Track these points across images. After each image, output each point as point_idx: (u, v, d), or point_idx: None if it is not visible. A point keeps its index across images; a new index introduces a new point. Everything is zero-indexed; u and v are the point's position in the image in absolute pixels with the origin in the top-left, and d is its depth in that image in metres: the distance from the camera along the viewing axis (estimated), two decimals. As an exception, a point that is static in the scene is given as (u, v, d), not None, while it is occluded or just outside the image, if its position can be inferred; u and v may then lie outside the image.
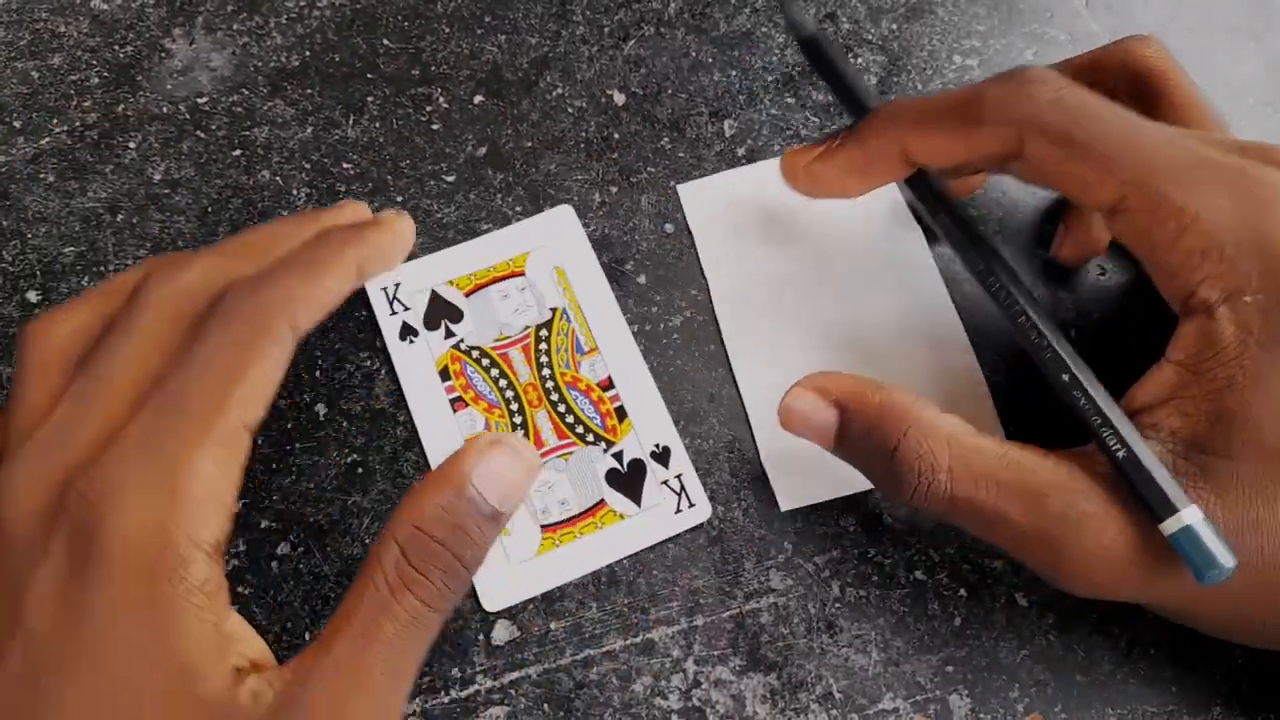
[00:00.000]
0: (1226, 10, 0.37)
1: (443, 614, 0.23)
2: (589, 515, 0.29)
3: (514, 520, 0.28)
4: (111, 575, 0.21)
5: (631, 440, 0.29)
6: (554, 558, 0.28)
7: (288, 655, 0.27)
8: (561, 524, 0.28)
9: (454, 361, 0.30)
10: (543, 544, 0.28)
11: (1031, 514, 0.23)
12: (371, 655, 0.22)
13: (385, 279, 0.31)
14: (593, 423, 0.30)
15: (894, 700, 0.27)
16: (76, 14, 0.36)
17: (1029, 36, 0.36)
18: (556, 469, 0.29)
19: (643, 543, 0.28)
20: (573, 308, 0.31)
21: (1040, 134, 0.25)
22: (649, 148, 0.34)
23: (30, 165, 0.34)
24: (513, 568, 0.28)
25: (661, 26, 0.36)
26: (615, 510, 0.29)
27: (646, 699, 0.27)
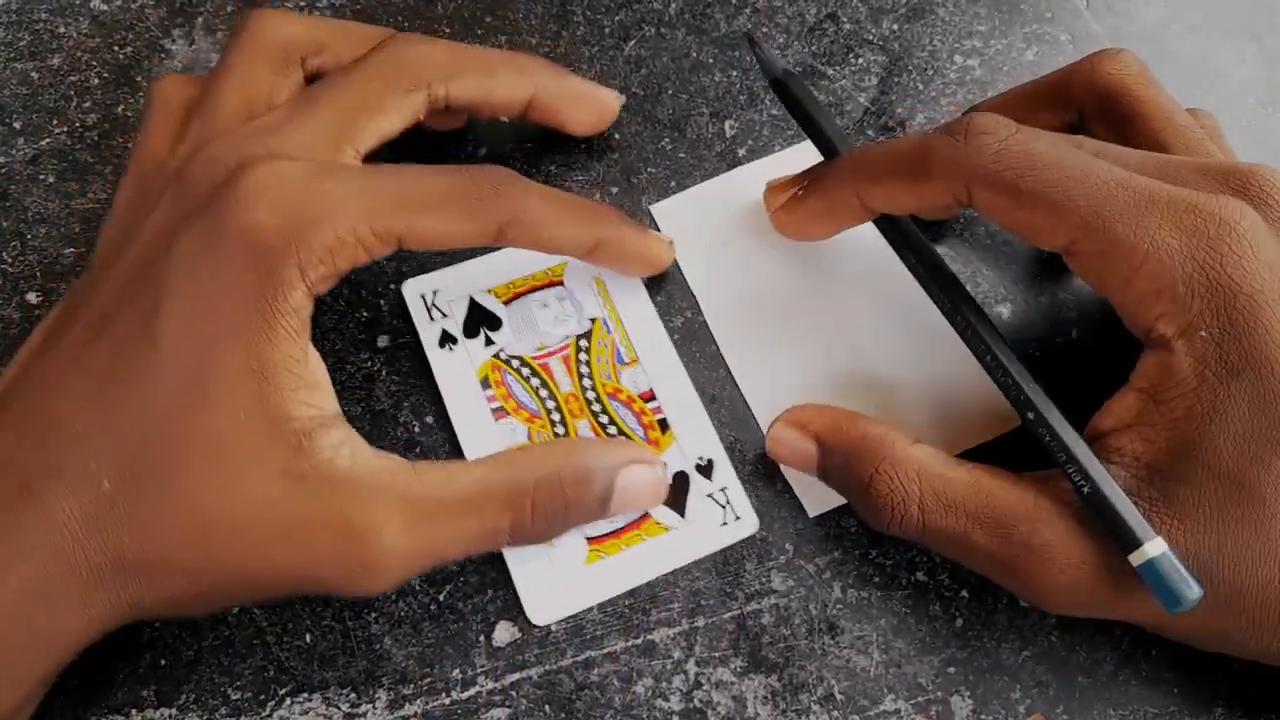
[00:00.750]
0: (1227, 10, 0.37)
1: (509, 547, 0.27)
2: (634, 528, 0.28)
3: None
4: (239, 252, 0.23)
5: (675, 452, 0.29)
6: (600, 570, 0.28)
7: (289, 656, 0.27)
8: (606, 536, 0.28)
9: (494, 371, 0.30)
10: (589, 556, 0.28)
11: (997, 541, 0.24)
12: (441, 525, 0.24)
13: (422, 285, 0.31)
14: (635, 435, 0.29)
15: (895, 702, 0.27)
16: (76, 15, 0.36)
17: (1030, 36, 0.36)
18: None
19: (689, 556, 0.28)
20: (613, 318, 0.31)
21: (986, 186, 0.25)
22: (649, 148, 0.34)
23: (30, 166, 0.34)
24: (559, 580, 0.28)
25: (662, 27, 0.36)
26: (660, 523, 0.28)
27: (648, 700, 0.27)
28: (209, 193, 0.25)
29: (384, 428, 0.30)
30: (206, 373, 0.23)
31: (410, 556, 0.24)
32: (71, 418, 0.23)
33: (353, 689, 0.27)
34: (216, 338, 0.23)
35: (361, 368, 0.31)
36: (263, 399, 0.23)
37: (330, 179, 0.24)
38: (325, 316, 0.31)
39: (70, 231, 0.33)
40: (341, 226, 0.24)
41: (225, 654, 0.27)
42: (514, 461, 0.26)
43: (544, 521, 0.25)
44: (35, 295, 0.32)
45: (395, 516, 0.23)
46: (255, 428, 0.23)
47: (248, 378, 0.23)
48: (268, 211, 0.23)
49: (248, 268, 0.23)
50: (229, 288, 0.23)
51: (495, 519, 0.25)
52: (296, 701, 0.27)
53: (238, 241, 0.23)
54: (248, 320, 0.23)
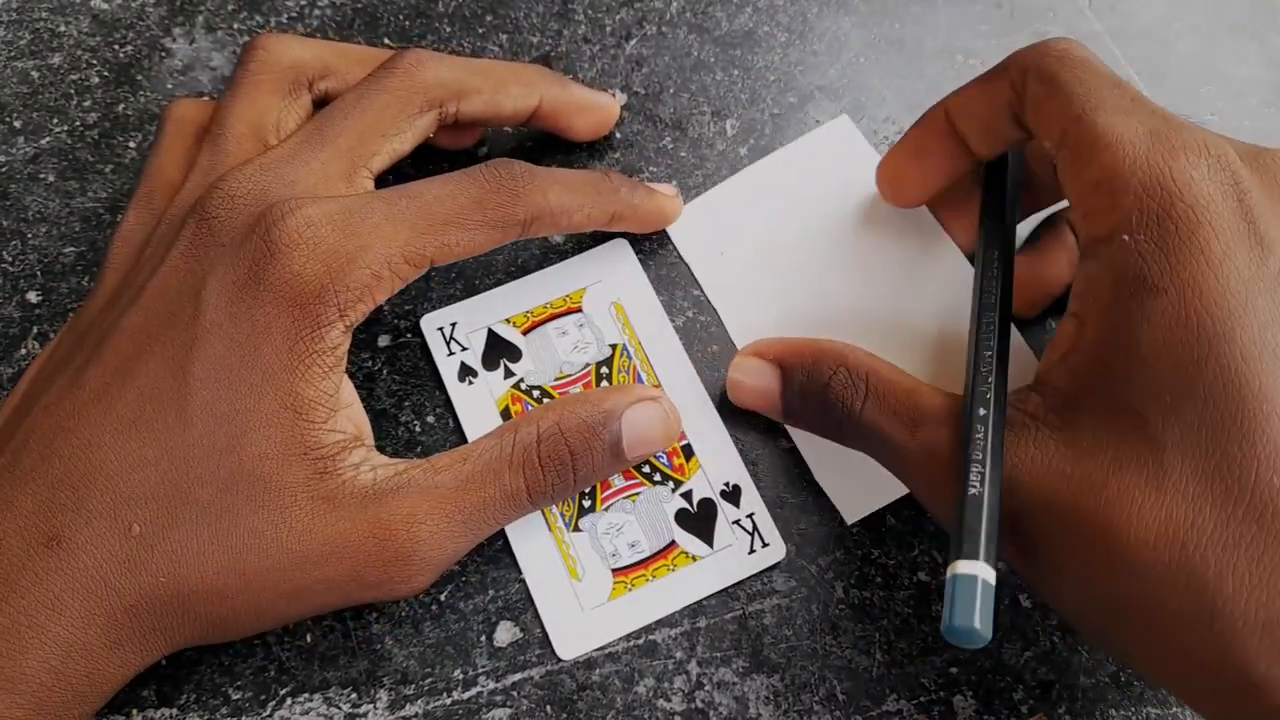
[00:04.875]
0: (1228, 10, 0.37)
1: (531, 510, 0.26)
2: (661, 558, 0.28)
3: (585, 565, 0.28)
4: (275, 299, 0.24)
5: (700, 479, 0.29)
6: (627, 602, 0.27)
7: (290, 656, 0.27)
8: (633, 567, 0.28)
9: (515, 402, 0.30)
10: (615, 589, 0.28)
11: (906, 435, 0.25)
12: (464, 500, 0.25)
13: (440, 319, 0.31)
14: (659, 462, 0.29)
15: (897, 702, 0.27)
16: (76, 13, 0.36)
17: (1032, 36, 0.36)
18: (624, 510, 0.28)
19: (717, 585, 0.28)
20: (633, 344, 0.30)
21: (1035, 75, 0.25)
22: (651, 147, 0.34)
23: (30, 165, 0.33)
24: (586, 614, 0.27)
25: (663, 26, 0.36)
26: (687, 552, 0.28)
27: (649, 700, 0.27)
28: (236, 236, 0.25)
29: (385, 427, 0.30)
30: (240, 416, 0.23)
31: (444, 542, 0.25)
32: (99, 462, 0.23)
33: (354, 689, 0.27)
34: (251, 383, 0.23)
35: (362, 367, 0.30)
36: (296, 434, 0.24)
37: (358, 217, 0.25)
38: (326, 316, 0.31)
39: (70, 230, 0.32)
40: (376, 263, 0.24)
41: (226, 654, 0.27)
42: (517, 426, 0.26)
43: (556, 474, 0.26)
44: (35, 294, 0.32)
45: (421, 509, 0.24)
46: (288, 460, 0.23)
47: (282, 416, 0.24)
48: (303, 262, 0.24)
49: (286, 316, 0.24)
50: (266, 336, 0.24)
51: (511, 482, 0.25)
52: (297, 701, 0.27)
53: (275, 293, 0.24)
54: (284, 364, 0.24)
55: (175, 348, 0.24)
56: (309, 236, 0.24)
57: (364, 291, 0.24)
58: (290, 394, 0.24)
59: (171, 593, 0.23)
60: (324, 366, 0.24)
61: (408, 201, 0.25)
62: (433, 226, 0.25)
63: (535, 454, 0.25)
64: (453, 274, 0.32)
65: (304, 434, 0.24)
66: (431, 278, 0.32)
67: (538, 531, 0.28)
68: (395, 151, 0.28)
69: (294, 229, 0.24)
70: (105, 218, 0.33)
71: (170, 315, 0.24)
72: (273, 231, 0.24)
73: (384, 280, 0.25)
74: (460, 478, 0.25)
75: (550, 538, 0.28)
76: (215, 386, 0.23)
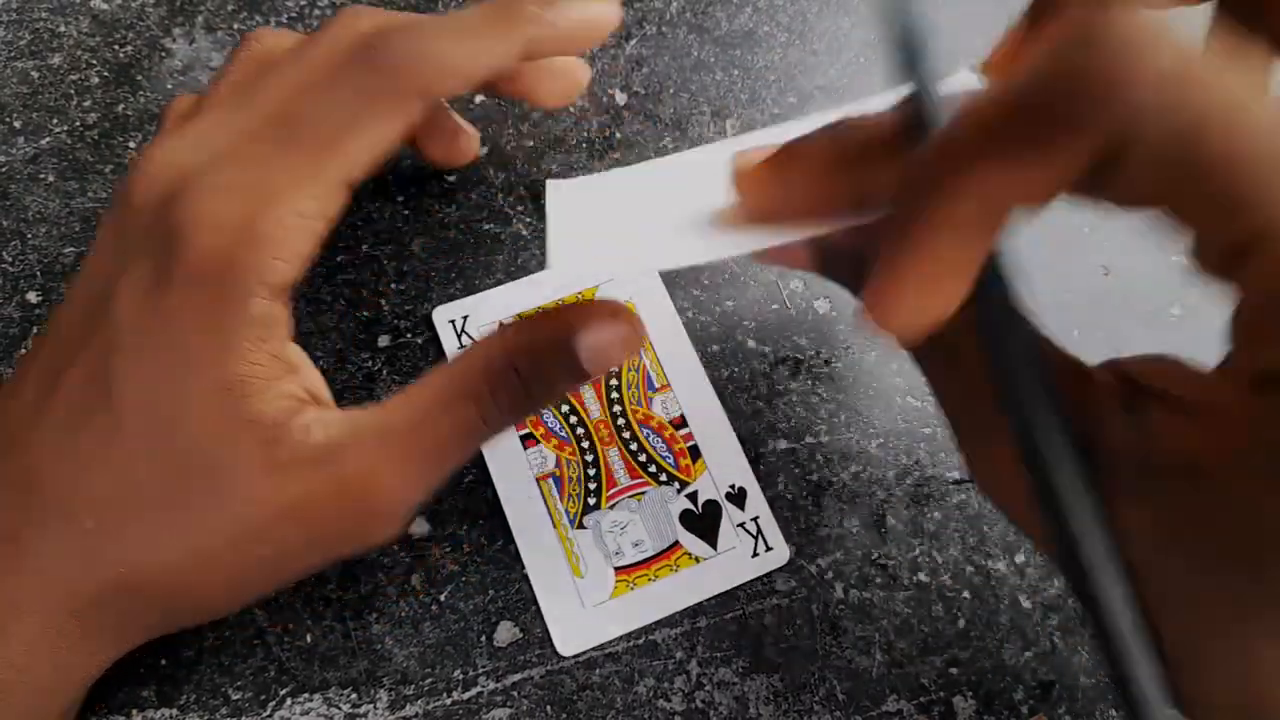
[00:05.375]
0: (1229, 10, 0.37)
1: (490, 437, 0.25)
2: (664, 558, 0.28)
3: (587, 562, 0.28)
4: (186, 284, 0.22)
5: (706, 481, 0.29)
6: (629, 601, 0.28)
7: (290, 656, 0.27)
8: (636, 566, 0.28)
9: None
10: (617, 587, 0.28)
11: None
12: (420, 439, 0.23)
13: (451, 311, 0.30)
14: (666, 462, 0.29)
15: (898, 702, 0.27)
16: (76, 13, 0.36)
17: (1032, 36, 0.36)
18: (629, 509, 0.28)
19: (719, 587, 0.28)
20: (644, 343, 0.30)
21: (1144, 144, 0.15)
22: (651, 148, 0.34)
23: (30, 165, 0.33)
24: (587, 612, 0.27)
25: (663, 26, 0.36)
26: (690, 553, 0.28)
27: (649, 700, 0.27)
28: (146, 223, 0.24)
29: (385, 427, 0.30)
30: (172, 405, 0.23)
31: (408, 486, 0.24)
32: (45, 466, 0.23)
33: (354, 689, 0.27)
34: (177, 372, 0.23)
35: (362, 367, 0.30)
36: (234, 410, 0.23)
37: (252, 171, 0.23)
38: (325, 316, 0.31)
39: (70, 231, 0.32)
40: (284, 214, 0.23)
41: (226, 654, 0.27)
42: (467, 354, 0.25)
43: (508, 399, 0.24)
44: (35, 295, 0.32)
45: (378, 455, 0.23)
46: (231, 438, 0.23)
47: (215, 398, 0.23)
48: (208, 238, 0.23)
49: (200, 297, 0.23)
50: (183, 323, 0.23)
51: (463, 412, 0.24)
52: (297, 702, 0.27)
53: (185, 277, 0.22)
54: (209, 345, 0.23)
55: (94, 349, 0.23)
56: (209, 211, 0.23)
57: (280, 248, 0.23)
58: (220, 374, 0.23)
59: (133, 582, 0.23)
60: (253, 339, 0.23)
61: (290, 128, 0.23)
62: (330, 148, 0.23)
63: (485, 382, 0.24)
64: (452, 274, 0.32)
65: (242, 410, 0.23)
66: (431, 277, 0.32)
67: (542, 527, 0.28)
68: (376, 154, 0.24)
69: (193, 206, 0.23)
70: (105, 218, 0.33)
71: (89, 314, 0.24)
72: (174, 214, 0.23)
73: (298, 229, 0.23)
74: (413, 418, 0.24)
75: (554, 534, 0.28)
76: (140, 381, 0.23)
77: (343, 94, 0.24)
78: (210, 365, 0.23)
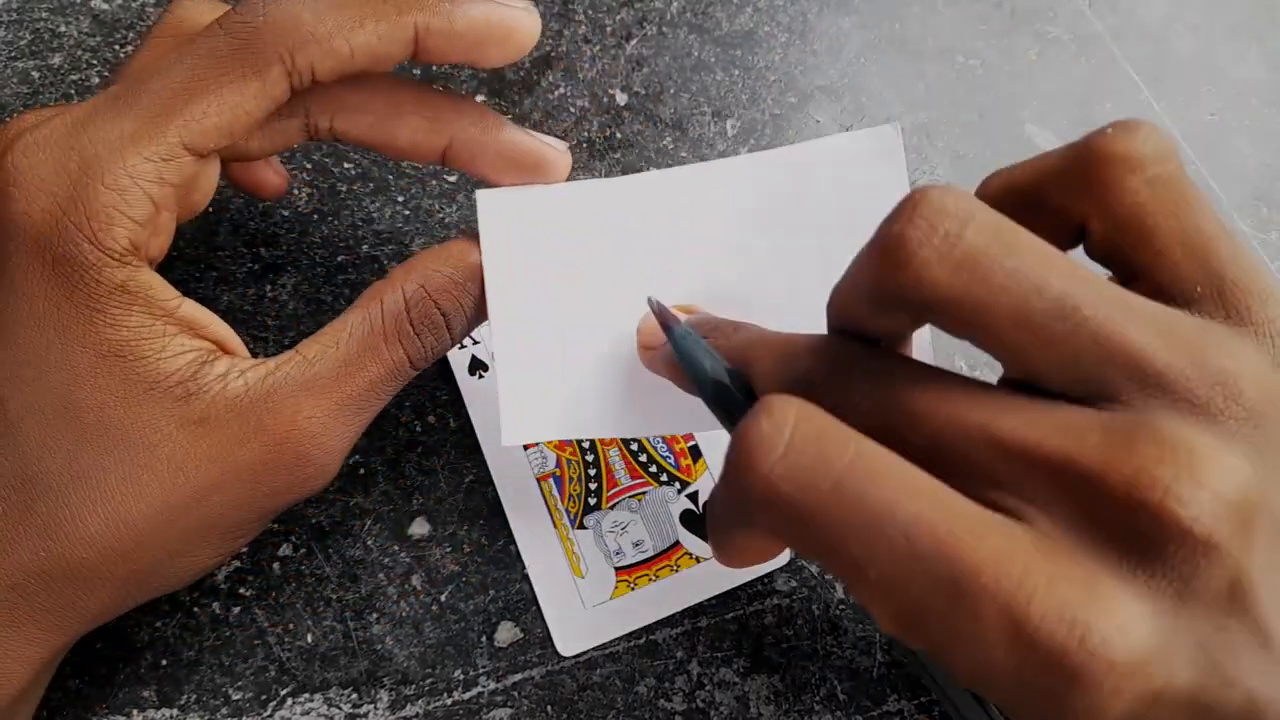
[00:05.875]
0: (1228, 10, 0.37)
1: (413, 374, 0.24)
2: (664, 558, 0.28)
3: (588, 562, 0.28)
4: (23, 253, 0.21)
5: (707, 481, 0.29)
6: (630, 601, 0.28)
7: (290, 656, 0.27)
8: (636, 566, 0.28)
9: None
10: (618, 587, 0.28)
11: None
12: (348, 385, 0.23)
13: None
14: (667, 462, 0.29)
15: (898, 702, 0.27)
16: (77, 14, 0.36)
17: (1033, 36, 0.36)
18: (629, 509, 0.28)
19: (720, 587, 0.28)
20: None
21: None
22: (652, 148, 0.34)
23: (30, 165, 0.33)
24: (588, 612, 0.27)
25: (664, 26, 0.36)
26: (691, 553, 0.28)
27: (650, 700, 0.27)
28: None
29: (384, 427, 0.30)
30: (55, 379, 0.22)
31: (338, 431, 0.23)
32: None
33: (354, 689, 0.27)
34: (48, 345, 0.21)
35: (363, 367, 0.30)
36: (129, 375, 0.22)
37: (78, 128, 0.21)
38: (325, 316, 0.31)
39: (70, 231, 0.32)
40: (113, 175, 0.21)
41: (226, 654, 0.27)
42: (381, 294, 0.24)
43: (433, 338, 0.24)
44: (35, 295, 0.32)
45: (306, 406, 0.23)
46: (134, 400, 0.22)
47: (103, 364, 0.21)
48: (27, 200, 0.21)
49: (40, 265, 0.21)
50: (34, 292, 0.21)
51: (391, 355, 0.24)
52: (298, 702, 0.27)
53: (15, 244, 0.21)
54: (73, 316, 0.21)
55: None
56: (25, 167, 0.21)
57: (111, 212, 0.21)
58: (99, 342, 0.21)
59: (56, 565, 0.22)
60: (121, 303, 0.21)
61: (131, 87, 0.22)
62: (167, 106, 0.21)
63: (407, 322, 0.24)
64: (453, 274, 0.32)
65: (138, 372, 0.22)
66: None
67: (542, 526, 0.28)
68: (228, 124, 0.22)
69: (12, 164, 0.21)
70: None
71: None
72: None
73: (131, 192, 0.21)
74: (338, 363, 0.23)
75: (555, 533, 0.28)
76: (9, 361, 0.21)
77: (192, 55, 0.22)
78: (80, 334, 0.21)
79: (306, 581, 0.28)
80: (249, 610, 0.28)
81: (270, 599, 0.28)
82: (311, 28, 0.22)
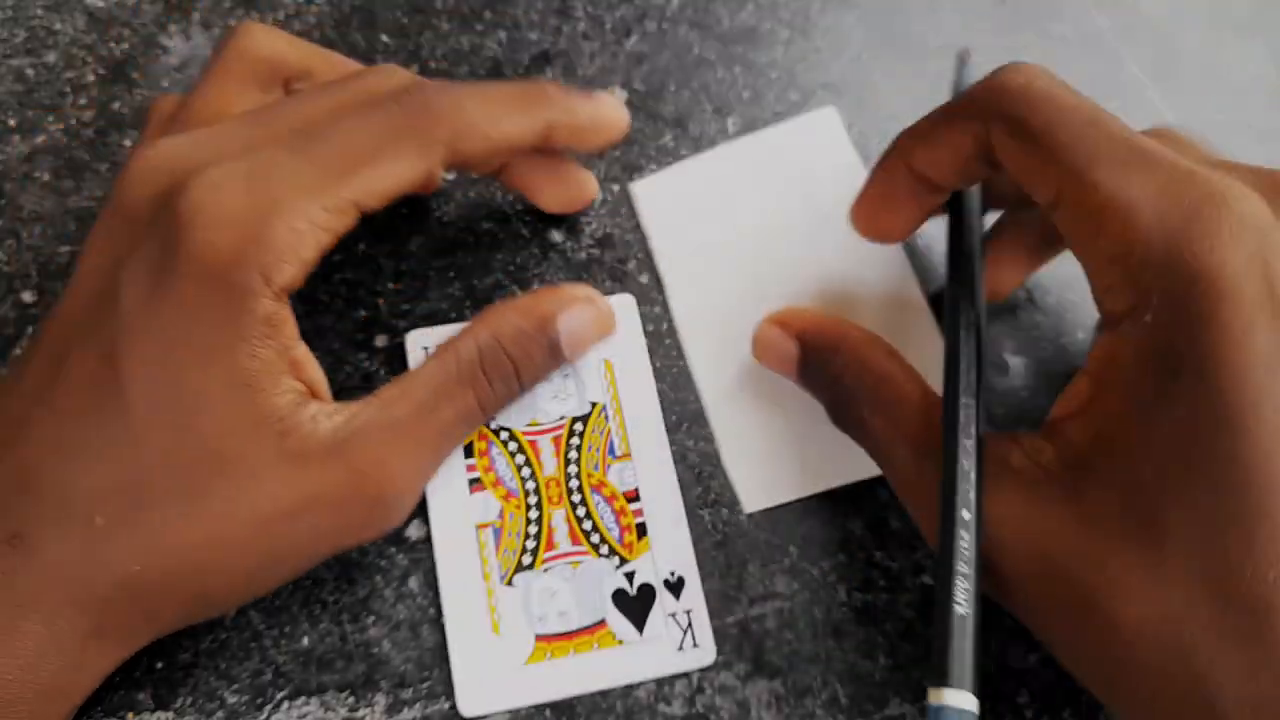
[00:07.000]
0: (1234, 8, 0.37)
1: (485, 420, 0.27)
2: (587, 633, 0.27)
3: (509, 623, 0.27)
4: (192, 277, 0.23)
5: (646, 562, 0.28)
6: (543, 670, 0.26)
7: (287, 659, 0.27)
8: (557, 637, 0.27)
9: (481, 439, 0.28)
10: (534, 653, 0.26)
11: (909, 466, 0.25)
12: (423, 427, 0.25)
13: (425, 338, 0.30)
14: (610, 535, 0.28)
15: (901, 706, 0.27)
16: (72, 11, 0.36)
17: (1037, 33, 0.36)
18: (563, 577, 0.27)
19: (636, 675, 0.26)
20: (614, 406, 0.29)
21: (1001, 123, 0.23)
22: (652, 145, 0.34)
23: (25, 164, 0.33)
24: (497, 673, 0.26)
25: (664, 22, 0.36)
26: (614, 633, 0.27)
27: (650, 705, 0.26)
28: (149, 213, 0.24)
29: (383, 428, 0.29)
30: (186, 398, 0.23)
31: (415, 473, 0.25)
32: (47, 459, 0.23)
33: (351, 693, 0.26)
34: (190, 364, 0.23)
35: (359, 368, 0.30)
36: (250, 406, 0.23)
37: (265, 172, 0.23)
38: (323, 316, 0.31)
39: (66, 229, 0.32)
40: (294, 219, 0.23)
41: (222, 657, 0.27)
42: (456, 344, 0.26)
43: (503, 385, 0.26)
44: (30, 294, 0.31)
45: (387, 447, 0.24)
46: (248, 432, 0.23)
47: (231, 393, 0.23)
48: (214, 231, 0.22)
49: (208, 292, 0.23)
50: (192, 314, 0.23)
51: (463, 401, 0.26)
52: (294, 705, 0.26)
53: (191, 269, 0.22)
54: (221, 341, 0.23)
55: (101, 336, 0.23)
56: (214, 202, 0.23)
57: (286, 252, 0.23)
58: (234, 369, 0.23)
59: (148, 578, 0.23)
60: (261, 335, 0.23)
61: (316, 145, 0.24)
62: (349, 168, 0.24)
63: (480, 369, 0.26)
64: (450, 273, 0.31)
65: (258, 404, 0.23)
66: (429, 277, 0.31)
67: (469, 575, 0.27)
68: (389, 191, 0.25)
69: (198, 197, 0.23)
70: (101, 217, 0.32)
71: (95, 303, 0.24)
72: (179, 204, 0.23)
73: (306, 236, 0.23)
74: (415, 408, 0.25)
75: (482, 585, 0.27)
76: (150, 371, 0.23)
77: (371, 123, 0.24)
78: (222, 359, 0.23)
79: (303, 584, 0.28)
80: (245, 613, 0.27)
81: (266, 602, 0.27)
82: (473, 118, 0.25)
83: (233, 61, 0.28)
